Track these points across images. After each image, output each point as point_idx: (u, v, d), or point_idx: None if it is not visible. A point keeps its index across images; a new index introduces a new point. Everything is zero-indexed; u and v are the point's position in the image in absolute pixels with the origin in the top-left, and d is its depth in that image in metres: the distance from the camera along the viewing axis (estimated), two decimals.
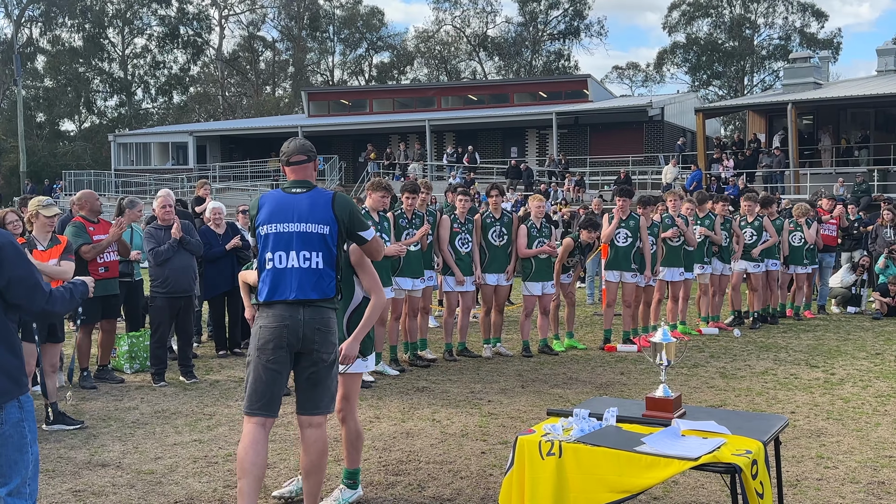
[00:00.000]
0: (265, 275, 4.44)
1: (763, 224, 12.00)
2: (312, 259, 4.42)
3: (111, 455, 6.00)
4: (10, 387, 3.46)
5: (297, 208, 4.44)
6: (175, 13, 59.17)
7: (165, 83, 60.78)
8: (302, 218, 4.43)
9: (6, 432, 3.45)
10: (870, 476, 5.44)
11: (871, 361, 9.43)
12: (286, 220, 4.43)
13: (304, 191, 4.51)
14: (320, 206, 4.46)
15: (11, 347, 3.51)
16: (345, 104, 41.41)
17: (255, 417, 4.39)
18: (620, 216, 10.21)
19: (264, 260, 4.46)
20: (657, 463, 3.75)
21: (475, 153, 32.57)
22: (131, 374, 8.90)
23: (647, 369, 8.90)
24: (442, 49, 62.65)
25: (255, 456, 4.34)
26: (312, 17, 61.21)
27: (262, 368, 4.37)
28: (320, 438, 4.49)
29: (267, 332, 4.37)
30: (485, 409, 7.24)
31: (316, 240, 4.43)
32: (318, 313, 4.42)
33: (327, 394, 4.50)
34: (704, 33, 58.33)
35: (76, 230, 8.05)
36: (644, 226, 10.30)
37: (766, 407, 7.27)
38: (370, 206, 8.44)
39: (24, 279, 3.47)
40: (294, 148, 4.59)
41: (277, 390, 4.42)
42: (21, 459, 3.49)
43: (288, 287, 4.38)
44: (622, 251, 10.19)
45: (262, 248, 4.47)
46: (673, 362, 4.48)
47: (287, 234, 4.42)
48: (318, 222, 4.44)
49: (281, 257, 4.41)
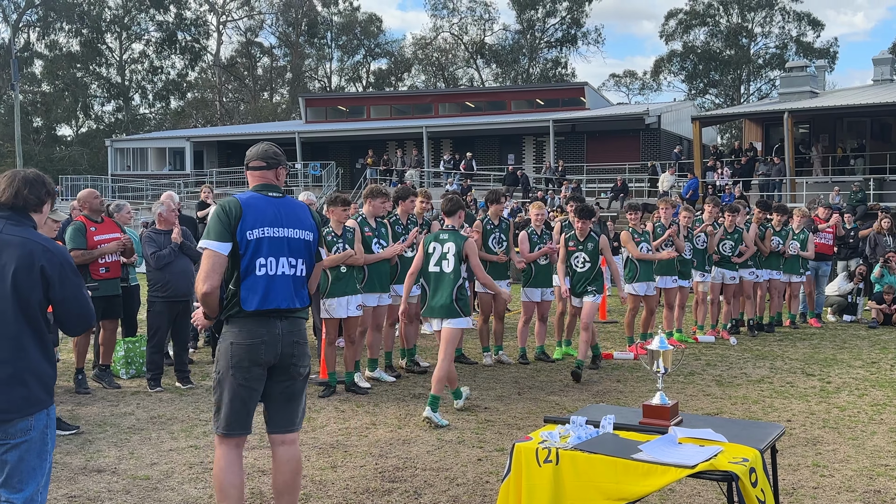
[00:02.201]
0: (253, 281, 4.14)
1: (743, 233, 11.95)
2: (298, 266, 4.28)
3: (107, 461, 5.98)
4: (44, 396, 3.52)
5: (283, 213, 4.27)
6: (173, 19, 59.25)
7: (163, 88, 60.83)
8: (291, 223, 4.27)
9: (33, 438, 3.49)
10: (866, 484, 5.44)
11: (867, 370, 9.45)
12: (277, 225, 4.23)
13: (280, 195, 4.34)
14: (303, 213, 4.34)
15: (49, 358, 3.57)
16: (342, 110, 41.44)
17: (230, 438, 4.21)
18: (578, 238, 9.30)
19: (254, 266, 4.15)
20: (654, 471, 3.75)
21: (472, 160, 32.62)
22: (127, 380, 8.88)
23: (644, 377, 8.90)
24: (439, 56, 62.79)
25: (233, 477, 4.19)
26: (310, 23, 61.32)
27: (238, 387, 4.15)
28: (294, 457, 4.30)
29: (241, 350, 4.13)
30: (481, 416, 7.24)
31: (302, 246, 4.31)
32: (295, 325, 4.28)
33: (300, 409, 4.34)
34: (701, 42, 58.57)
35: (75, 231, 8.04)
36: (606, 246, 9.40)
37: (763, 415, 7.28)
38: (368, 212, 8.45)
39: (77, 300, 3.58)
40: (255, 153, 4.40)
41: (252, 408, 4.24)
42: (40, 467, 3.53)
43: (279, 295, 4.19)
44: (579, 276, 9.30)
45: (252, 253, 4.16)
46: (669, 370, 4.49)
47: (279, 239, 4.23)
48: (305, 229, 4.32)
49: (272, 263, 4.19)
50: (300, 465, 4.35)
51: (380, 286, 8.47)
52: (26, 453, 3.47)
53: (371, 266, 8.33)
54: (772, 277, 12.44)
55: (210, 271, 4.12)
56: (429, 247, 7.23)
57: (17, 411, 3.43)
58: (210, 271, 4.12)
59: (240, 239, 4.16)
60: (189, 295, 8.45)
